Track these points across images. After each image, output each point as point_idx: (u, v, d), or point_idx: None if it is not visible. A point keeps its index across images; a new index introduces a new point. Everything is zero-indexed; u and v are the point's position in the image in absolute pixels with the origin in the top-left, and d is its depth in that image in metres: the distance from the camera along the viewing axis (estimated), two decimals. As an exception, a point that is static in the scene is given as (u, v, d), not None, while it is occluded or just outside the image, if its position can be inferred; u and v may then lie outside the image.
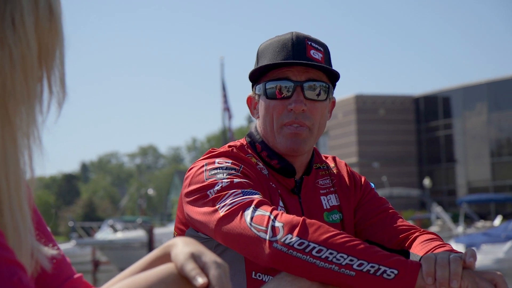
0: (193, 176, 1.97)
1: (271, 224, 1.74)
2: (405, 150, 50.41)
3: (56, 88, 1.17)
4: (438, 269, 1.65)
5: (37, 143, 1.14)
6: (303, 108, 2.04)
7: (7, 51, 1.09)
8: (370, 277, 1.65)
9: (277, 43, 2.09)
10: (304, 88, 2.05)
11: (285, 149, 2.07)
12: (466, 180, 47.97)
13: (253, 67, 2.17)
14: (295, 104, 2.03)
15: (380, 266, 1.66)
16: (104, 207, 76.00)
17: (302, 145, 2.07)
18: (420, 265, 1.67)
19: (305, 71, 2.06)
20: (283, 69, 2.06)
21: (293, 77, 2.05)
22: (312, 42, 2.09)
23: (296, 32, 2.11)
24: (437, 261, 1.67)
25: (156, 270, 1.15)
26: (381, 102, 49.70)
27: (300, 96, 2.05)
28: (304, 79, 2.06)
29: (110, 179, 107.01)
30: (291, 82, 2.05)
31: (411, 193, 32.89)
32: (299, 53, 2.05)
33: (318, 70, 2.07)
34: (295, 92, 2.05)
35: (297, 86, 2.05)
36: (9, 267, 1.01)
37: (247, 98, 2.20)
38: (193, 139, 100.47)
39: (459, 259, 1.67)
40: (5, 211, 1.09)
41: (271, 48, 2.09)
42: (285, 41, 2.08)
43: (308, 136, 2.07)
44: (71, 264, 1.39)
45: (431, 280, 1.64)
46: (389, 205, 2.18)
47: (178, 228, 2.09)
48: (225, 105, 27.89)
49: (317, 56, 2.07)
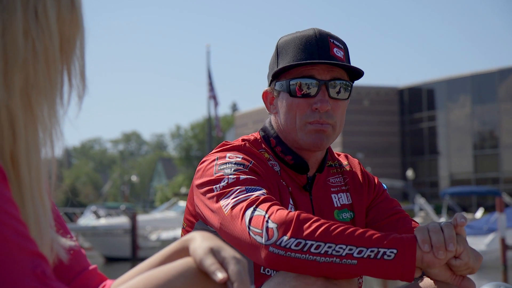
0: (204, 169, 1.98)
1: (266, 225, 1.74)
2: (388, 141, 50.60)
3: (76, 80, 1.17)
4: (432, 235, 1.69)
5: (58, 135, 1.14)
6: (327, 108, 2.04)
7: (30, 43, 1.09)
8: (372, 261, 1.67)
9: (300, 40, 2.07)
10: (329, 87, 2.05)
11: (308, 145, 2.06)
12: (449, 172, 48.26)
13: (271, 60, 2.15)
14: (321, 104, 2.03)
15: (379, 249, 1.67)
16: (87, 193, 75.77)
17: (325, 141, 2.06)
18: (415, 238, 1.70)
19: (330, 70, 2.05)
20: (308, 67, 2.05)
21: (318, 76, 2.04)
22: (334, 40, 2.08)
23: (318, 29, 2.10)
24: (430, 228, 1.71)
25: (175, 264, 1.16)
26: (366, 93, 49.80)
27: (325, 95, 2.04)
28: (329, 78, 2.05)
29: (93, 165, 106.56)
30: (316, 80, 2.04)
31: (394, 184, 33.01)
32: (324, 51, 2.04)
33: (341, 68, 2.07)
34: (320, 91, 2.04)
35: (322, 85, 2.04)
36: (32, 259, 1.01)
37: (263, 93, 2.18)
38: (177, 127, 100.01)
39: (450, 224, 1.72)
40: (27, 203, 1.09)
41: (293, 44, 2.08)
42: (308, 38, 2.06)
43: (331, 133, 2.07)
44: (86, 255, 1.39)
45: (428, 247, 1.67)
46: (400, 208, 2.18)
47: (187, 220, 2.09)
48: (211, 93, 27.83)
49: (340, 54, 2.07)
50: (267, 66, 2.20)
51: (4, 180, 1.03)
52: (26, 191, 1.09)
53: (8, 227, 1.00)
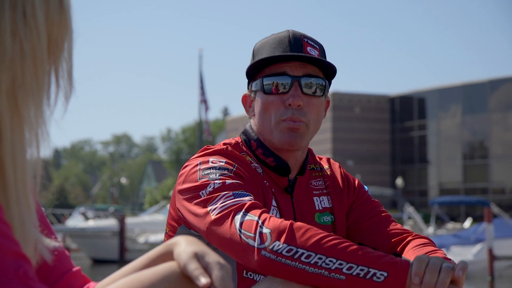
0: (187, 174, 1.97)
1: (259, 230, 1.74)
2: (379, 149, 50.70)
3: (64, 81, 1.17)
4: (427, 273, 1.66)
5: (44, 136, 1.13)
6: (299, 103, 2.03)
7: (18, 43, 1.08)
8: (360, 280, 1.66)
9: (273, 40, 2.09)
10: (302, 83, 2.05)
11: (281, 143, 2.06)
12: (438, 181, 48.37)
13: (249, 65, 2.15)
14: (293, 99, 2.02)
15: (369, 269, 1.66)
16: (76, 194, 75.52)
17: (298, 140, 2.06)
18: (409, 264, 1.68)
19: (303, 67, 2.06)
20: (281, 64, 2.05)
21: (291, 72, 2.05)
22: (308, 39, 2.09)
23: (292, 30, 2.11)
24: (429, 265, 1.68)
25: (158, 268, 1.15)
26: (357, 100, 49.90)
27: (298, 91, 2.04)
28: (301, 74, 2.05)
29: (82, 166, 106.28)
30: (289, 77, 2.04)
31: (384, 192, 33.09)
32: (296, 49, 2.05)
33: (314, 66, 2.07)
34: (293, 87, 2.04)
35: (294, 81, 2.04)
36: (15, 260, 1.01)
37: (242, 97, 2.19)
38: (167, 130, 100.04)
39: (450, 270, 1.67)
40: (12, 204, 1.09)
41: (267, 45, 2.09)
42: (281, 38, 2.08)
43: (305, 132, 2.07)
44: (70, 257, 1.39)
45: (418, 280, 1.65)
46: (382, 208, 2.17)
47: (170, 225, 2.08)
48: (202, 97, 27.83)
49: (314, 53, 2.07)
50: None
51: (-11, 181, 1.03)
52: (11, 191, 1.09)
53: None
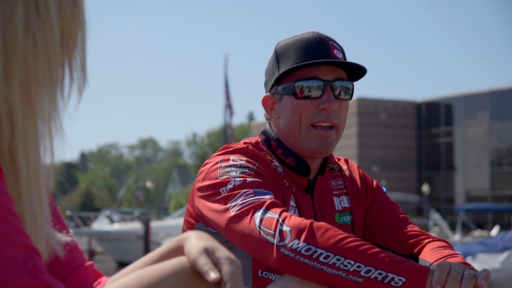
0: (207, 172, 1.97)
1: (279, 228, 1.74)
2: (405, 155, 50.37)
3: (77, 74, 1.17)
4: (449, 280, 1.65)
5: (58, 129, 1.14)
6: (335, 108, 2.04)
7: (31, 36, 1.09)
8: (377, 284, 1.65)
9: (299, 42, 2.07)
10: (334, 88, 2.05)
11: (312, 151, 2.07)
12: (465, 188, 47.92)
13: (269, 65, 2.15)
14: (328, 103, 2.03)
15: (388, 273, 1.65)
16: (102, 197, 75.98)
17: (329, 147, 2.07)
18: (428, 271, 1.67)
19: (333, 70, 2.06)
20: (311, 68, 2.05)
21: (322, 77, 2.05)
22: (333, 42, 2.09)
23: (316, 32, 2.10)
24: (451, 272, 1.66)
25: (169, 262, 1.15)
26: (383, 106, 49.64)
27: (331, 95, 2.05)
28: (333, 78, 2.06)
29: (108, 170, 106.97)
30: (321, 81, 2.04)
31: (409, 199, 32.82)
32: (325, 52, 2.05)
33: (342, 69, 2.08)
34: (326, 92, 2.04)
35: (327, 85, 2.04)
36: (24, 252, 1.01)
37: (263, 99, 2.17)
38: (193, 134, 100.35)
39: (472, 277, 1.66)
40: (24, 197, 1.09)
41: (293, 47, 2.08)
42: (308, 40, 2.07)
43: (335, 138, 2.08)
44: (82, 251, 1.39)
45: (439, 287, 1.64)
46: (400, 210, 2.16)
47: (187, 221, 2.09)
48: (227, 102, 27.84)
49: (340, 56, 2.08)
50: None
51: (0, 174, 1.03)
52: (23, 185, 1.09)
53: (1, 220, 1.00)
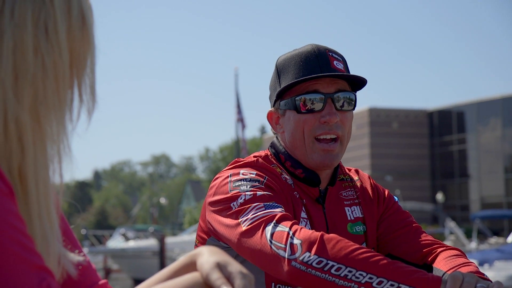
0: (218, 186, 1.98)
1: (290, 241, 1.75)
2: (418, 164, 50.21)
3: (86, 96, 1.18)
4: None
5: (66, 151, 1.15)
6: (336, 120, 2.04)
7: (40, 59, 1.10)
8: None
9: (299, 56, 2.08)
10: (335, 100, 2.05)
11: (317, 165, 2.07)
12: (480, 196, 47.68)
13: (272, 80, 2.16)
14: (329, 116, 2.04)
15: (400, 284, 1.65)
16: (116, 215, 76.16)
17: (334, 160, 2.07)
18: (440, 282, 1.67)
19: (334, 83, 2.06)
20: (311, 82, 2.05)
21: (323, 90, 2.05)
22: (333, 53, 2.09)
23: (315, 44, 2.11)
24: (464, 284, 1.66)
25: (182, 278, 1.15)
26: (395, 116, 49.57)
27: (332, 108, 2.05)
28: (333, 90, 2.06)
29: (122, 187, 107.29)
30: (322, 94, 2.05)
31: (424, 207, 32.70)
32: (325, 65, 2.05)
33: (344, 80, 2.08)
34: (327, 105, 2.05)
35: (327, 98, 2.05)
36: (38, 273, 1.01)
37: (268, 114, 2.18)
38: (206, 149, 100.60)
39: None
40: (34, 218, 1.10)
41: (293, 62, 2.08)
42: (307, 54, 2.07)
43: (339, 150, 2.08)
44: (96, 270, 1.40)
45: None
46: (412, 219, 2.16)
47: (199, 237, 2.10)
48: (238, 116, 27.89)
49: (340, 67, 2.07)
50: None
51: (12, 196, 1.04)
52: (33, 206, 1.10)
53: (15, 241, 1.01)
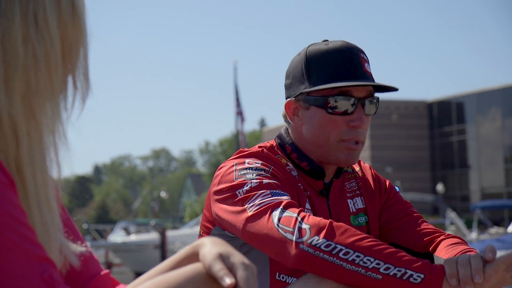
0: (223, 175, 1.98)
1: (298, 225, 1.76)
2: (418, 155, 50.25)
3: (80, 83, 1.18)
4: (460, 269, 1.68)
5: (62, 139, 1.14)
6: (363, 126, 2.04)
7: (30, 49, 1.09)
8: (397, 280, 1.67)
9: (332, 55, 2.03)
10: (365, 105, 2.04)
11: (340, 163, 2.07)
12: (480, 186, 47.74)
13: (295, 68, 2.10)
14: (358, 121, 2.02)
15: (406, 270, 1.67)
16: (117, 209, 76.23)
17: (356, 158, 2.08)
18: (444, 268, 1.69)
19: (365, 87, 2.04)
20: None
21: (355, 94, 2.02)
22: (363, 54, 2.07)
23: (346, 42, 2.07)
24: (459, 262, 1.70)
25: (184, 269, 1.15)
26: (395, 107, 49.57)
27: (361, 113, 2.04)
28: (364, 95, 2.04)
29: (122, 182, 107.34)
30: (354, 98, 2.02)
31: (424, 199, 32.71)
32: (359, 68, 2.03)
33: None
34: (357, 109, 2.03)
35: (359, 103, 2.03)
36: (40, 264, 1.01)
37: (287, 103, 2.12)
38: (205, 142, 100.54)
39: (479, 256, 1.70)
40: (34, 209, 1.09)
41: (326, 60, 2.03)
42: (341, 53, 2.03)
43: (360, 150, 2.09)
44: (98, 261, 1.40)
45: (455, 281, 1.67)
46: (413, 209, 2.17)
47: (204, 226, 2.10)
48: (237, 109, 27.89)
49: (369, 69, 2.06)
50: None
51: (13, 186, 1.04)
52: (31, 197, 1.09)
53: (16, 232, 1.01)
